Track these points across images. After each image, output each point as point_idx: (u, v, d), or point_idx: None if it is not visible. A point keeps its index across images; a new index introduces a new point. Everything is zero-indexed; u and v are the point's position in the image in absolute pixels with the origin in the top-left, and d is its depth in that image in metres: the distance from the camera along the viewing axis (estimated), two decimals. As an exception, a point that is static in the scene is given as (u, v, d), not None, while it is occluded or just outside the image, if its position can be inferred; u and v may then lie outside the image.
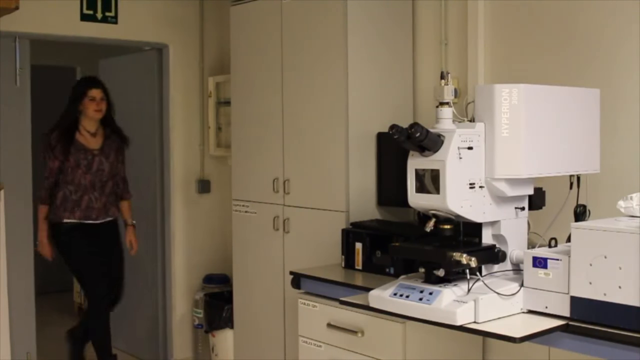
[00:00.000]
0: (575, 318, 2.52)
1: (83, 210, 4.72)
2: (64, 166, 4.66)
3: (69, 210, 4.69)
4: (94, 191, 4.75)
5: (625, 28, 3.27)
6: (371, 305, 2.85)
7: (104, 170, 4.78)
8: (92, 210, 4.75)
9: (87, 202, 4.73)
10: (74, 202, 4.69)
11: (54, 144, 4.67)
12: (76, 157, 4.68)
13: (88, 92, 4.72)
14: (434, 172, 2.66)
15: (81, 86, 4.80)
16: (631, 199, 2.65)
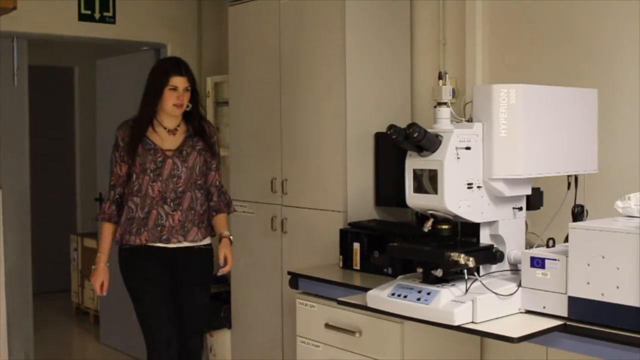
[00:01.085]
0: (573, 318, 2.52)
1: (150, 230, 3.57)
2: (131, 172, 3.60)
3: (134, 231, 3.58)
4: (164, 204, 3.58)
5: (623, 28, 3.27)
6: (369, 305, 2.85)
7: (179, 177, 3.59)
8: (163, 229, 3.57)
9: (154, 218, 3.57)
10: (140, 221, 3.57)
11: (121, 143, 3.64)
12: (143, 159, 3.58)
13: (170, 80, 3.60)
14: (432, 172, 2.66)
15: (162, 72, 3.64)
16: (629, 199, 2.65)
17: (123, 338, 5.91)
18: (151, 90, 3.63)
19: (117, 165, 3.63)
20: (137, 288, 3.64)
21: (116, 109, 5.97)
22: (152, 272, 3.61)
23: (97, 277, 3.67)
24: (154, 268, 3.60)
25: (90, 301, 6.91)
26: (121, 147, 3.62)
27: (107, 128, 6.09)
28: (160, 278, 3.61)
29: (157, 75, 3.64)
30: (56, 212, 7.90)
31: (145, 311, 3.62)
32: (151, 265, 3.60)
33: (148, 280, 3.62)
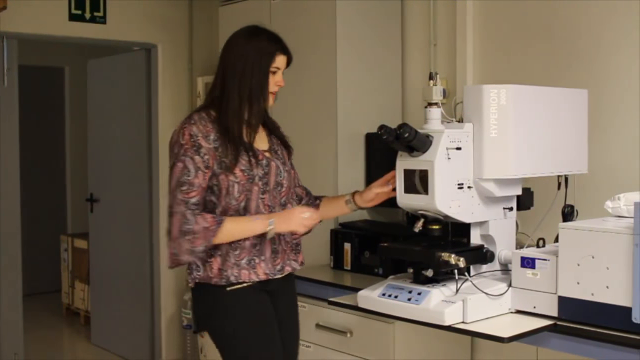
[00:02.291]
0: (563, 318, 2.53)
1: (268, 261, 2.71)
2: (219, 185, 2.63)
3: (244, 264, 2.66)
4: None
5: (614, 29, 3.28)
6: (360, 305, 2.85)
7: (282, 184, 2.77)
8: (277, 257, 2.74)
9: (270, 243, 2.72)
10: (252, 250, 2.67)
11: (204, 143, 2.62)
12: (247, 165, 2.66)
13: (275, 59, 2.75)
14: (423, 173, 2.66)
15: (265, 49, 2.72)
16: (619, 200, 2.66)
17: (114, 339, 5.91)
18: (248, 72, 2.69)
19: (197, 174, 2.58)
20: (258, 341, 2.70)
21: (107, 109, 5.98)
22: (270, 315, 2.74)
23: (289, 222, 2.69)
24: (269, 309, 2.74)
25: (81, 302, 6.89)
26: (205, 149, 2.60)
27: (98, 128, 6.11)
28: (272, 323, 2.76)
29: (258, 53, 2.71)
30: (46, 213, 7.89)
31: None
32: (265, 306, 2.73)
33: (271, 330, 2.73)
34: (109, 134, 5.95)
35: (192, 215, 2.56)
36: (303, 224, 2.70)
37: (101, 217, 6.07)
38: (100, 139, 6.09)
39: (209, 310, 2.70)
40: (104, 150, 6.03)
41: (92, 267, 6.24)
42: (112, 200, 5.94)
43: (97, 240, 6.16)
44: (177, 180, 2.58)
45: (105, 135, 6.00)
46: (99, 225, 6.12)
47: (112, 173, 5.92)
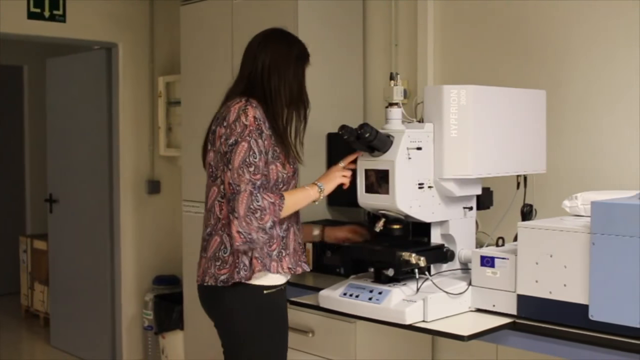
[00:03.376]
0: (522, 316, 2.56)
1: (292, 256, 2.80)
2: (268, 174, 2.69)
3: (276, 257, 2.72)
4: (297, 221, 2.88)
5: (571, 30, 3.33)
6: (321, 305, 2.86)
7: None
8: (296, 253, 2.83)
9: (294, 239, 2.83)
10: (281, 241, 2.75)
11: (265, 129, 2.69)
12: (293, 160, 2.80)
13: (308, 61, 2.89)
14: (384, 173, 2.68)
15: (302, 47, 2.88)
16: (576, 199, 2.69)
17: (74, 341, 5.85)
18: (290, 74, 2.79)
19: (260, 157, 2.64)
20: (281, 344, 2.82)
21: (67, 108, 5.92)
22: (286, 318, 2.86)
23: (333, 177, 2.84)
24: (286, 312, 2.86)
25: (40, 304, 6.81)
26: (265, 135, 2.66)
27: (57, 128, 6.05)
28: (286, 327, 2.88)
29: (300, 47, 2.85)
30: (5, 214, 7.79)
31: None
32: (286, 309, 2.87)
33: (286, 340, 2.86)
34: (69, 134, 5.88)
35: (258, 193, 2.59)
36: (343, 175, 2.81)
37: (61, 218, 6.00)
38: (60, 139, 6.02)
39: (239, 309, 2.71)
40: (64, 150, 5.97)
41: (52, 269, 6.17)
42: (72, 200, 5.87)
43: (57, 241, 6.09)
44: (244, 160, 2.60)
45: (65, 135, 5.94)
46: (58, 226, 6.05)
47: (72, 173, 5.86)
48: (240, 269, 2.65)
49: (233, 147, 2.63)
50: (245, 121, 2.63)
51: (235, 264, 2.66)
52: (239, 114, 2.65)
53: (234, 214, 2.58)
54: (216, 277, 2.70)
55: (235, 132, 2.64)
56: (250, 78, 2.79)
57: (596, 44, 3.25)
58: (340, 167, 2.85)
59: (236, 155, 2.61)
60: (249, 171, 2.60)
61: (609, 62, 3.21)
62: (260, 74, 2.77)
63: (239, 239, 2.58)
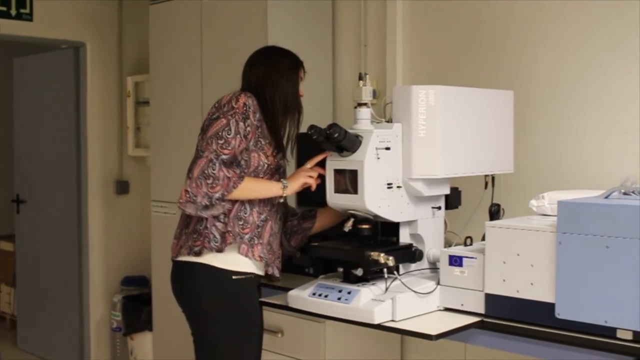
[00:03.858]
0: (490, 315, 2.57)
1: (265, 248, 2.88)
2: (248, 161, 2.83)
3: (247, 240, 2.82)
4: (278, 218, 3.00)
5: (539, 31, 3.35)
6: (290, 305, 2.86)
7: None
8: (274, 254, 2.95)
9: (269, 232, 2.94)
10: (255, 229, 2.85)
11: (252, 117, 2.81)
12: (279, 155, 2.94)
13: (301, 69, 3.04)
14: (352, 173, 2.68)
15: (294, 58, 3.04)
16: (543, 198, 2.71)
17: (41, 343, 5.80)
18: (294, 72, 2.98)
19: (236, 137, 2.76)
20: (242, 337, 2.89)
21: (34, 108, 5.86)
22: (259, 312, 2.97)
23: (298, 177, 2.91)
24: (258, 305, 2.97)
25: (7, 305, 6.74)
26: (250, 122, 2.80)
27: (24, 128, 5.99)
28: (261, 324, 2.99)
29: (293, 60, 3.01)
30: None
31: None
32: (257, 300, 2.97)
33: (257, 330, 2.96)
34: (36, 134, 5.83)
35: (219, 163, 2.69)
36: (309, 175, 2.89)
37: (28, 219, 5.95)
38: (27, 139, 5.96)
39: (207, 293, 2.81)
40: (31, 150, 5.91)
41: (19, 270, 6.11)
42: (39, 201, 5.82)
43: (24, 242, 6.03)
44: (216, 132, 2.75)
45: (32, 135, 5.88)
46: (25, 226, 6.00)
47: (39, 173, 5.81)
48: (211, 239, 2.78)
49: (213, 121, 2.79)
50: (235, 104, 2.79)
51: (206, 235, 2.79)
52: (231, 98, 2.82)
53: (188, 174, 2.71)
54: (190, 249, 2.83)
55: (222, 110, 2.80)
56: (247, 90, 2.91)
57: (564, 45, 3.28)
58: (307, 168, 2.91)
59: (212, 127, 2.77)
60: (217, 143, 2.73)
61: (576, 63, 3.24)
62: (254, 87, 2.90)
63: (184, 196, 2.69)
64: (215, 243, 2.78)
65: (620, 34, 3.12)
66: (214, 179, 2.68)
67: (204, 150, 2.73)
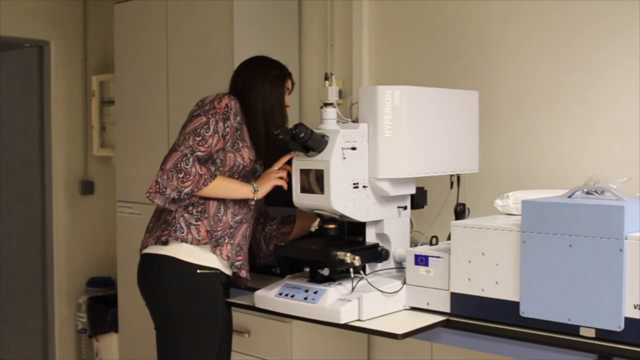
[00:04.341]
0: (456, 314, 2.59)
1: (234, 247, 2.90)
2: (224, 160, 2.87)
3: (218, 236, 2.86)
4: (252, 222, 3.03)
5: (503, 32, 3.38)
6: (257, 305, 2.85)
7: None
8: (240, 252, 2.95)
9: (242, 235, 2.97)
10: (229, 229, 2.88)
11: (232, 119, 2.84)
12: (255, 158, 2.96)
13: (288, 80, 3.06)
14: (319, 172, 2.68)
15: (282, 69, 3.05)
16: (508, 198, 2.74)
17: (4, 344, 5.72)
18: (268, 93, 2.95)
19: (214, 136, 2.79)
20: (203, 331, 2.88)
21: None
22: (223, 311, 2.96)
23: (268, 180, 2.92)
24: (223, 303, 2.97)
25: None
26: (230, 124, 2.83)
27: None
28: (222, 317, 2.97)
29: (279, 71, 3.02)
30: None
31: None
32: (222, 298, 2.96)
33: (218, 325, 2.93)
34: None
35: (192, 159, 2.72)
36: (279, 177, 2.90)
37: (-9, 219, 5.87)
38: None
39: (170, 286, 2.83)
40: (-6, 149, 5.84)
41: (-18, 271, 6.03)
42: (2, 201, 5.74)
43: (-13, 243, 5.96)
44: (194, 129, 2.79)
45: (-5, 135, 5.81)
46: (-12, 227, 5.92)
47: (2, 173, 5.73)
48: (177, 229, 2.81)
49: (193, 117, 2.83)
50: (217, 104, 2.83)
51: (174, 224, 2.82)
52: (214, 98, 2.85)
53: (161, 166, 2.73)
54: (158, 238, 2.85)
55: (203, 109, 2.84)
56: (234, 95, 2.93)
57: (528, 45, 3.31)
58: (276, 170, 2.92)
59: (190, 124, 2.81)
60: (194, 139, 2.77)
61: (540, 62, 3.28)
62: (240, 92, 2.93)
63: (154, 186, 2.73)
64: (181, 233, 2.80)
65: (585, 36, 3.15)
66: (185, 174, 2.71)
67: (180, 145, 2.77)
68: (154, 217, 2.99)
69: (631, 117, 3.04)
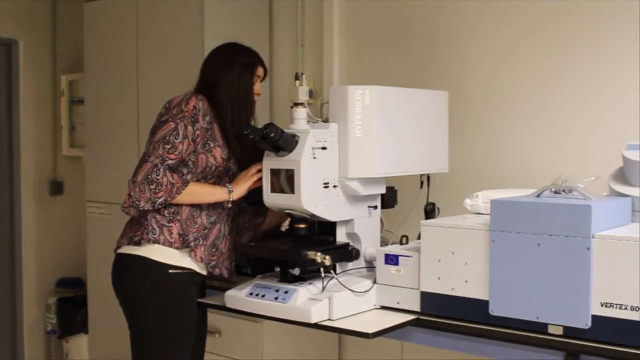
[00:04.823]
0: (426, 313, 2.60)
1: (208, 249, 2.90)
2: (196, 163, 2.85)
3: (192, 240, 2.84)
4: (228, 221, 3.02)
5: (472, 32, 3.40)
6: (228, 306, 2.84)
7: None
8: (216, 252, 2.93)
9: (216, 235, 2.96)
10: (202, 230, 2.88)
11: (202, 120, 2.82)
12: (227, 157, 2.92)
13: (259, 67, 3.04)
14: (289, 172, 2.68)
15: (252, 56, 3.04)
16: (477, 197, 2.76)
17: None
18: (235, 82, 2.93)
19: (184, 141, 2.77)
20: (175, 331, 2.87)
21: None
22: (195, 312, 2.95)
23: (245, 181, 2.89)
24: (195, 304, 2.95)
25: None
26: (200, 126, 2.80)
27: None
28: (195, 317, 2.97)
29: (249, 59, 3.00)
30: None
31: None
32: (195, 299, 2.95)
33: (190, 325, 2.94)
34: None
35: (163, 169, 2.72)
36: (254, 177, 2.87)
37: (-42, 220, 5.80)
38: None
39: (143, 286, 2.82)
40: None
41: (-51, 273, 5.95)
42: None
43: (-46, 244, 5.88)
44: (164, 137, 2.77)
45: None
46: (-44, 228, 5.85)
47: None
48: (150, 231, 2.80)
49: (162, 124, 2.79)
50: (185, 108, 2.79)
51: (146, 226, 2.81)
52: (182, 101, 2.82)
53: (133, 179, 2.74)
54: (131, 238, 2.85)
55: (171, 113, 2.80)
56: (202, 89, 2.94)
57: (496, 46, 3.34)
58: (253, 172, 2.89)
59: (160, 131, 2.78)
60: (164, 148, 2.75)
61: (509, 63, 3.30)
62: (209, 83, 2.93)
63: (127, 200, 2.73)
64: (153, 235, 2.80)
65: (551, 37, 3.18)
66: (157, 185, 2.71)
67: (150, 155, 2.76)
68: (130, 218, 2.98)
69: (597, 117, 3.08)
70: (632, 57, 2.99)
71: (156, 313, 2.81)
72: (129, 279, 2.87)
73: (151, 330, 2.82)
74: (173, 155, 2.75)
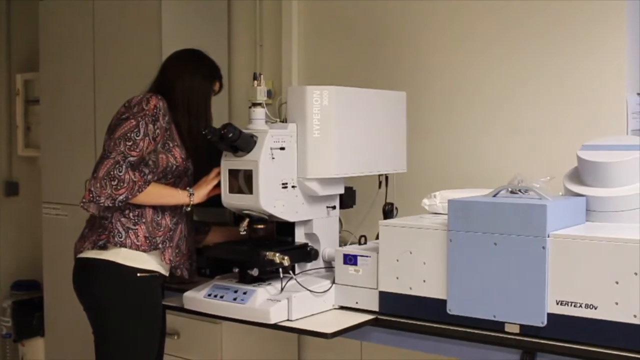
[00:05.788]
0: (384, 312, 2.61)
1: (174, 249, 2.88)
2: (156, 162, 2.81)
3: (159, 242, 2.82)
4: (188, 221, 2.99)
5: (431, 32, 3.42)
6: (186, 306, 2.83)
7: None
8: (179, 253, 2.91)
9: (179, 235, 2.94)
10: (168, 232, 2.85)
11: (162, 120, 2.79)
12: (186, 157, 2.89)
13: (217, 82, 3.07)
14: (247, 173, 2.67)
15: (213, 69, 3.05)
16: (435, 197, 2.78)
17: None
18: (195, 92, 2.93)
19: (144, 139, 2.74)
20: (143, 336, 2.84)
21: None
22: (160, 314, 2.93)
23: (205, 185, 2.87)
24: (160, 306, 2.93)
25: None
26: (159, 125, 2.78)
27: None
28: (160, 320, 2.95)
29: (211, 70, 3.03)
30: None
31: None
32: (159, 302, 2.92)
33: (157, 329, 2.91)
34: None
35: (125, 165, 2.67)
36: (214, 180, 2.84)
37: None
38: None
39: (110, 290, 2.77)
40: None
41: None
42: None
43: None
44: (125, 134, 2.72)
45: None
46: None
47: None
48: (115, 234, 2.75)
49: (122, 121, 2.75)
50: (145, 106, 2.77)
51: (111, 229, 2.76)
52: (142, 100, 2.79)
53: (93, 174, 2.68)
54: (95, 242, 2.79)
55: (132, 111, 2.77)
56: (159, 88, 2.90)
57: (455, 47, 3.36)
58: (212, 177, 2.86)
59: (120, 128, 2.74)
60: (125, 144, 2.71)
61: (467, 64, 3.33)
62: (167, 83, 2.90)
63: (87, 195, 2.66)
64: (119, 238, 2.75)
65: (510, 38, 3.22)
66: (119, 181, 2.66)
67: (111, 151, 2.70)
68: (88, 223, 2.91)
69: (554, 118, 3.11)
70: (589, 61, 3.03)
71: (126, 317, 2.76)
72: (95, 283, 2.80)
73: (120, 334, 2.76)
74: (134, 152, 2.70)
